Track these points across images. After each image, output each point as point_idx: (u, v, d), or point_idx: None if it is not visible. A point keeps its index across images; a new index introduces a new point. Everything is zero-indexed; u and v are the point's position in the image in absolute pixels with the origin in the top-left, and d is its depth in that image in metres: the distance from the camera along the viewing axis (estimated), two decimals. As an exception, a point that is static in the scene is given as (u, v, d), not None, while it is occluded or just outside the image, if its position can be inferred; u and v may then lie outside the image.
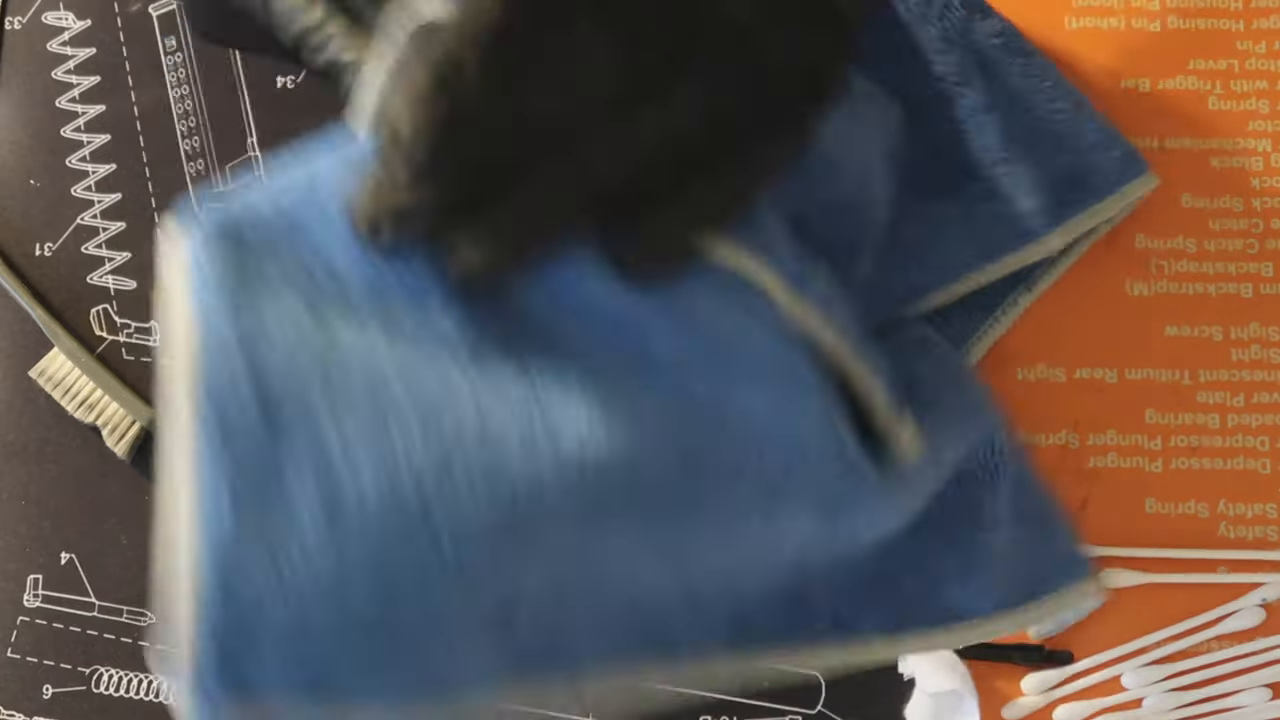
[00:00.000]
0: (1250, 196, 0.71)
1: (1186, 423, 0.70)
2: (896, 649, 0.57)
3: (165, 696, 0.69)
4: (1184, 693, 0.67)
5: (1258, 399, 0.70)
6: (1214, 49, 0.72)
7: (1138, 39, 0.72)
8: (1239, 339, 0.70)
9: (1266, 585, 0.68)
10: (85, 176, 0.73)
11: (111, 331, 0.72)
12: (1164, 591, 0.68)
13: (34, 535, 0.71)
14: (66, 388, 0.71)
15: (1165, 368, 0.70)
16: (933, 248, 0.63)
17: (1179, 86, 0.72)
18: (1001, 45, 0.65)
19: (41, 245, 0.73)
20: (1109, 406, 0.70)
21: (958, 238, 0.63)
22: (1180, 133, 0.72)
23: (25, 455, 0.71)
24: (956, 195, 0.63)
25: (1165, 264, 0.71)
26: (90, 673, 0.69)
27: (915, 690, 0.67)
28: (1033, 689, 0.68)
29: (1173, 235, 0.71)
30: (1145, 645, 0.68)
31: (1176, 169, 0.72)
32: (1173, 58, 0.72)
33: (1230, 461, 0.70)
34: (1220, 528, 0.69)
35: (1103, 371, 0.70)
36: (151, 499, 0.71)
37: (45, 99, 0.74)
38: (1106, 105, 0.71)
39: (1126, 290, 0.71)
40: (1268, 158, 0.72)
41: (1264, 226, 0.71)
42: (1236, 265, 0.71)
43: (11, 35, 0.74)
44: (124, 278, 0.72)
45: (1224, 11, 0.73)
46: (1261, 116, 0.72)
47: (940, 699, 0.67)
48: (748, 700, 0.68)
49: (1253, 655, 0.68)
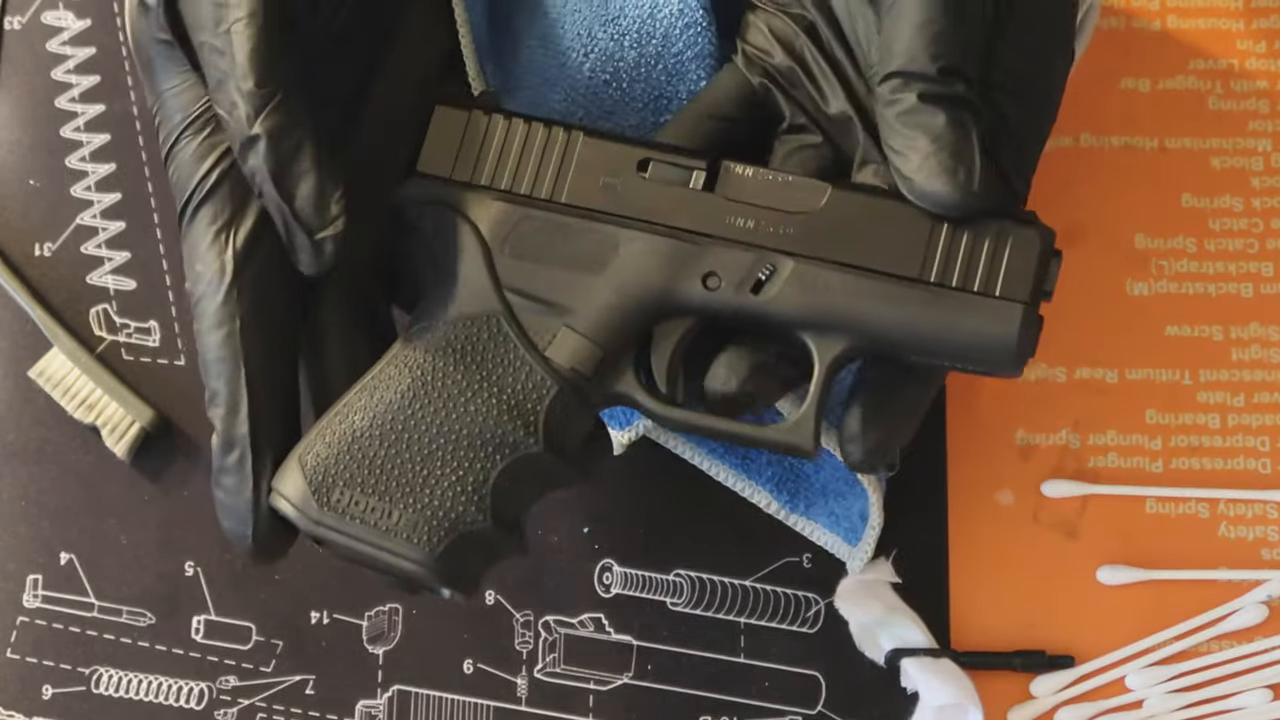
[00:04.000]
0: (1250, 196, 0.71)
1: (1186, 423, 0.70)
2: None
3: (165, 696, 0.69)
4: (1187, 693, 0.67)
5: (1258, 399, 0.70)
6: (1214, 49, 0.72)
7: (1138, 39, 0.73)
8: (1239, 339, 0.70)
9: (1269, 582, 0.68)
10: (85, 176, 0.73)
11: (111, 331, 0.72)
12: (1165, 591, 0.68)
13: (34, 535, 0.71)
14: (66, 388, 0.71)
15: (1165, 368, 0.70)
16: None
17: (1179, 86, 0.72)
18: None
19: (41, 245, 0.73)
20: (1109, 406, 0.70)
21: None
22: (1180, 133, 0.72)
23: (25, 455, 0.71)
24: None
25: (1165, 264, 0.71)
26: (90, 673, 0.69)
27: (919, 705, 0.67)
28: (1042, 693, 0.68)
29: (1173, 235, 0.71)
30: (1148, 646, 0.68)
31: (1176, 169, 0.72)
32: (1173, 58, 0.72)
33: (1230, 461, 0.70)
34: (1220, 528, 0.69)
35: (1103, 371, 0.70)
36: (151, 499, 0.71)
37: (45, 99, 0.74)
38: (1106, 105, 0.71)
39: (1126, 290, 0.71)
40: (1268, 158, 0.72)
41: (1264, 226, 0.71)
42: (1236, 265, 0.71)
43: (11, 35, 0.74)
44: (124, 278, 0.72)
45: (1224, 11, 0.73)
46: (1261, 116, 0.72)
47: (944, 712, 0.67)
48: (748, 700, 0.68)
49: (1255, 655, 0.68)
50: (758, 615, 0.69)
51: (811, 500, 0.68)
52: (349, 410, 0.58)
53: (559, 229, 0.58)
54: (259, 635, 0.70)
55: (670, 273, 0.57)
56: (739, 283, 0.56)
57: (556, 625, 0.69)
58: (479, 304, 0.57)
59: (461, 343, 0.57)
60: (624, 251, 0.57)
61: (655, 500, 0.70)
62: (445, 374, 0.57)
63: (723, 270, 0.57)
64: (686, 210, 0.57)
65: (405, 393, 0.57)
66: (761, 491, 0.68)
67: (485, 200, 0.58)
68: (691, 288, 0.57)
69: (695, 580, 0.69)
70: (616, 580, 0.69)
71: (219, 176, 0.57)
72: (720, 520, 0.69)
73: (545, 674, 0.69)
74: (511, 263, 0.58)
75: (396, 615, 0.70)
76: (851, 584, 0.68)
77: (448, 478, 0.57)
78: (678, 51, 0.61)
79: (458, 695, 0.69)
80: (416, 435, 0.57)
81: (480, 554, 0.58)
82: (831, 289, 0.56)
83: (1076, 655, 0.68)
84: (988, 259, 0.56)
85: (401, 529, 0.57)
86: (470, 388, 0.57)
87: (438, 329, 0.58)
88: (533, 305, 0.57)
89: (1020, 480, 0.70)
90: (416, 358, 0.57)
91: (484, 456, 0.57)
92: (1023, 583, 0.69)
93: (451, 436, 0.57)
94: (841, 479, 0.68)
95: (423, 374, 0.57)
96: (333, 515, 0.57)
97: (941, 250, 0.56)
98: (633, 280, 0.57)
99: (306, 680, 0.69)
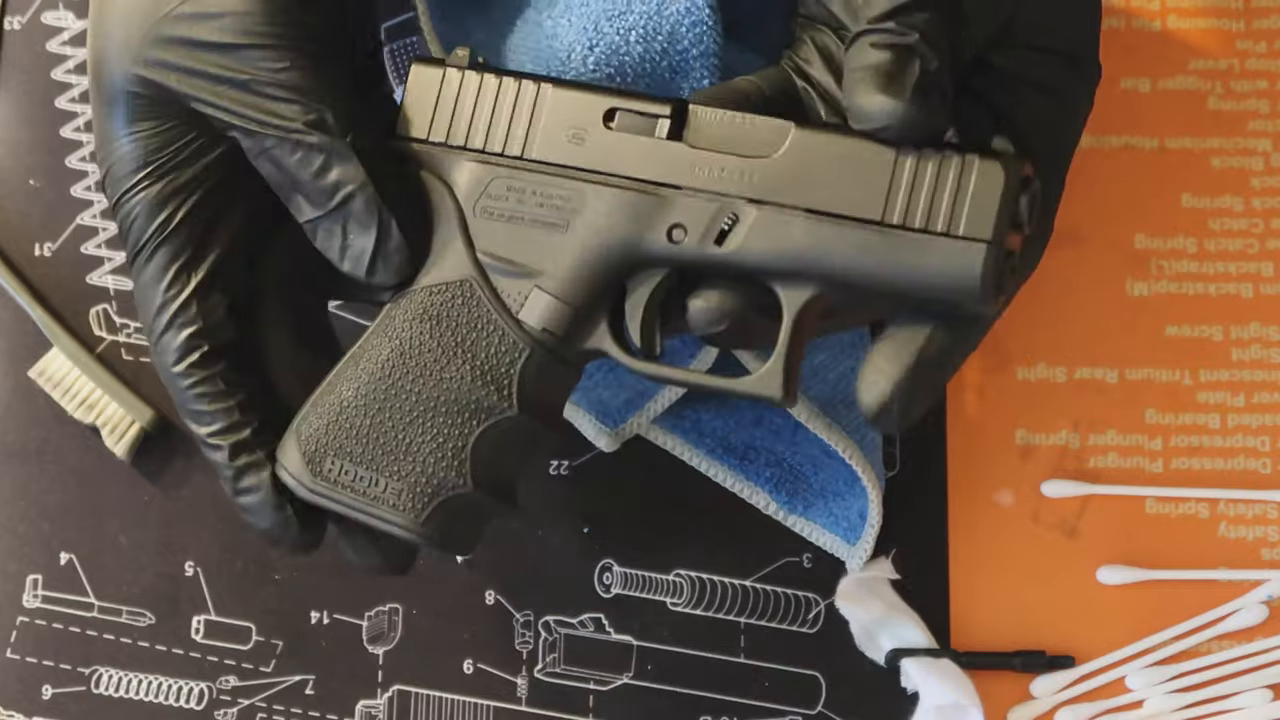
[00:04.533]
0: (1250, 196, 0.71)
1: (1186, 423, 0.70)
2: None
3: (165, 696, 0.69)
4: (1187, 693, 0.67)
5: (1258, 399, 0.70)
6: (1214, 49, 0.72)
7: (1138, 39, 0.73)
8: (1239, 339, 0.70)
9: (1269, 583, 0.68)
10: (85, 176, 0.73)
11: (111, 331, 0.72)
12: (1165, 591, 0.68)
13: (34, 535, 0.71)
14: (66, 388, 0.71)
15: (1165, 368, 0.70)
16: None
17: (1179, 86, 0.72)
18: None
19: (41, 245, 0.73)
20: (1109, 406, 0.70)
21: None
22: (1180, 133, 0.72)
23: (25, 455, 0.71)
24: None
25: (1165, 264, 0.71)
26: (90, 673, 0.69)
27: (919, 705, 0.67)
28: (1041, 693, 0.68)
29: (1173, 235, 0.71)
30: (1148, 646, 0.68)
31: (1176, 169, 0.72)
32: (1173, 58, 0.72)
33: (1230, 461, 0.70)
34: (1220, 528, 0.69)
35: (1103, 371, 0.70)
36: (151, 499, 0.71)
37: (45, 99, 0.74)
38: (1106, 105, 0.71)
39: (1126, 290, 0.71)
40: (1268, 158, 0.72)
41: (1264, 226, 0.71)
42: (1236, 265, 0.71)
43: (11, 35, 0.74)
44: (124, 277, 0.72)
45: (1224, 11, 0.73)
46: (1261, 116, 0.72)
47: (944, 711, 0.67)
48: (748, 700, 0.68)
49: (1255, 655, 0.68)
50: (758, 615, 0.69)
51: (810, 501, 0.69)
52: (338, 380, 0.58)
53: (526, 187, 0.57)
54: (259, 635, 0.70)
55: (635, 227, 0.56)
56: (703, 234, 0.56)
57: (556, 625, 0.69)
58: (454, 270, 0.57)
59: (438, 309, 0.57)
60: (589, 208, 0.57)
61: (655, 500, 0.70)
62: (422, 342, 0.57)
63: (687, 221, 0.56)
64: (651, 161, 0.56)
65: (385, 362, 0.58)
66: (760, 492, 0.68)
67: (460, 161, 0.58)
68: (656, 241, 0.56)
69: (695, 580, 0.69)
70: (616, 580, 0.69)
71: (182, 218, 0.58)
72: (720, 520, 0.69)
73: (545, 674, 0.69)
74: (482, 224, 0.57)
75: (396, 615, 0.70)
76: (851, 582, 0.68)
77: (428, 445, 0.57)
78: (683, 49, 0.61)
79: (458, 695, 0.69)
80: (397, 404, 0.57)
81: (468, 518, 0.59)
82: (793, 236, 0.55)
83: (1076, 655, 0.68)
84: (950, 197, 0.54)
85: (387, 497, 0.57)
86: (446, 355, 0.57)
87: (416, 296, 0.58)
88: (504, 267, 0.57)
89: (1020, 480, 0.70)
90: (396, 326, 0.58)
91: (461, 423, 0.57)
92: (1023, 583, 0.69)
93: (430, 404, 0.57)
94: (840, 479, 0.68)
95: (401, 343, 0.58)
96: (325, 485, 0.58)
97: (904, 190, 0.54)
98: (598, 237, 0.57)
99: (306, 680, 0.69)
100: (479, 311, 0.57)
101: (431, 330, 0.57)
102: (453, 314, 0.57)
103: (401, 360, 0.57)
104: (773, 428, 0.69)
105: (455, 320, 0.57)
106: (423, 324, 0.57)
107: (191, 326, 0.58)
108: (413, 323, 0.57)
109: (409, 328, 0.58)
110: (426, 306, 0.57)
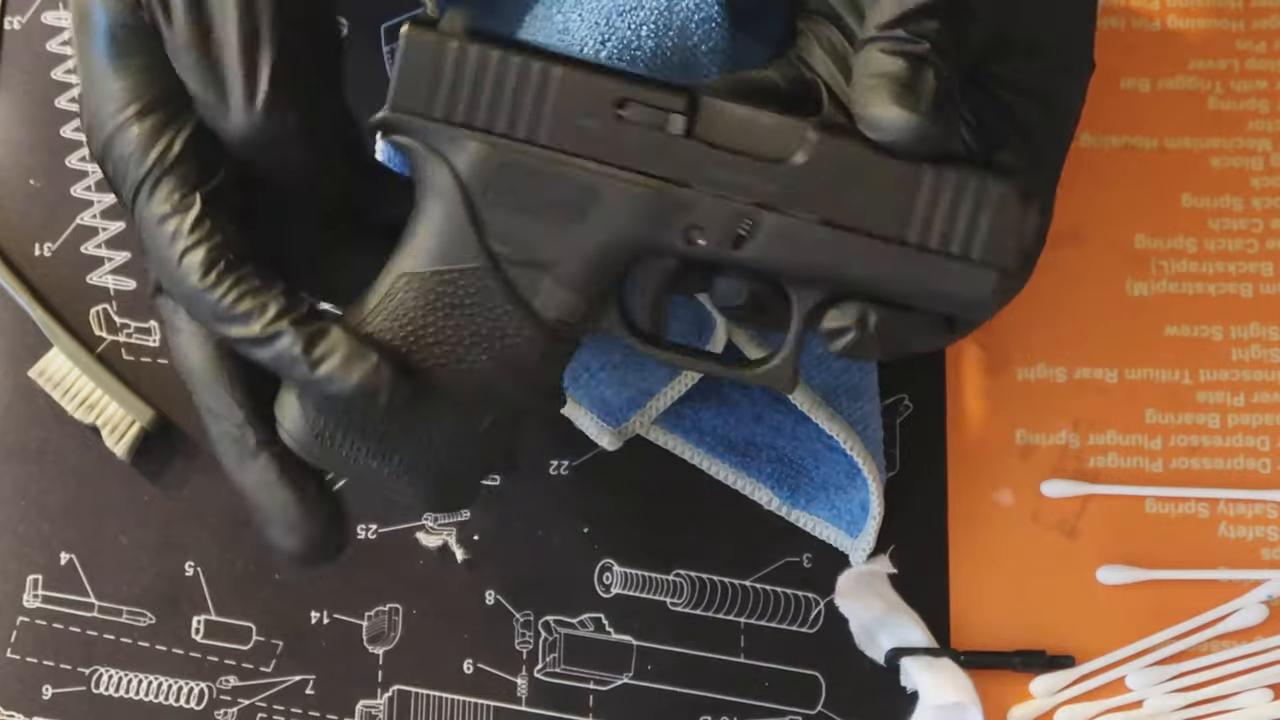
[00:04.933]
0: (1250, 196, 0.71)
1: (1186, 423, 0.70)
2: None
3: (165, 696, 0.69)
4: (1187, 693, 0.67)
5: (1258, 399, 0.70)
6: (1214, 49, 0.72)
7: (1138, 39, 0.73)
8: (1239, 339, 0.70)
9: (1269, 583, 0.68)
10: (85, 176, 0.73)
11: (111, 331, 0.72)
12: (1165, 591, 0.68)
13: (34, 535, 0.71)
14: (66, 388, 0.71)
15: (1165, 368, 0.70)
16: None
17: (1179, 86, 0.72)
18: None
19: (41, 245, 0.73)
20: (1109, 406, 0.70)
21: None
22: (1180, 133, 0.72)
23: (25, 455, 0.71)
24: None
25: (1165, 264, 0.71)
26: (90, 673, 0.69)
27: (919, 705, 0.67)
28: (1041, 693, 0.68)
29: (1173, 235, 0.71)
30: (1148, 646, 0.68)
31: (1176, 169, 0.72)
32: (1173, 58, 0.72)
33: (1230, 461, 0.70)
34: (1220, 528, 0.69)
35: (1103, 371, 0.71)
36: (151, 499, 0.71)
37: (45, 99, 0.74)
38: (1106, 105, 0.71)
39: (1126, 290, 0.71)
40: (1268, 158, 0.72)
41: (1264, 226, 0.71)
42: (1236, 265, 0.71)
43: (11, 35, 0.74)
44: (124, 277, 0.72)
45: (1224, 11, 0.73)
46: (1261, 116, 0.72)
47: (944, 711, 0.67)
48: (748, 700, 0.69)
49: (1255, 655, 0.68)
50: (758, 615, 0.69)
51: (812, 495, 0.69)
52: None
53: (539, 175, 0.56)
54: (259, 635, 0.70)
55: (652, 226, 0.56)
56: (720, 238, 0.56)
57: (556, 625, 0.69)
58: (463, 257, 0.57)
59: (449, 296, 0.57)
60: (604, 201, 0.56)
61: (655, 500, 0.70)
62: (435, 327, 0.57)
63: (704, 224, 0.56)
64: (666, 157, 0.56)
65: (397, 347, 0.57)
66: (762, 488, 0.68)
67: (462, 140, 0.56)
68: (673, 240, 0.56)
69: (695, 580, 0.69)
70: (616, 580, 0.69)
71: (181, 146, 0.57)
72: (720, 520, 0.69)
73: (545, 674, 0.69)
74: (494, 212, 0.57)
75: (396, 615, 0.70)
76: (850, 577, 0.68)
77: (435, 425, 0.57)
78: (693, 45, 0.61)
79: (458, 695, 0.69)
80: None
81: (471, 485, 0.59)
82: (811, 247, 0.56)
83: (1076, 655, 0.68)
84: (967, 219, 0.55)
85: (399, 470, 0.57)
86: (462, 343, 0.57)
87: (426, 280, 0.57)
88: (517, 257, 0.57)
89: (1020, 480, 0.70)
90: (405, 310, 0.57)
91: (475, 406, 0.57)
92: (1023, 583, 0.69)
93: (441, 388, 0.57)
94: (841, 472, 0.68)
95: (413, 327, 0.57)
96: (328, 451, 0.57)
97: (922, 208, 0.55)
98: (615, 233, 0.56)
99: (306, 680, 0.69)
100: (493, 301, 0.57)
101: (444, 317, 0.57)
102: (465, 301, 0.57)
103: (414, 344, 0.57)
104: (773, 424, 0.69)
105: (469, 308, 0.57)
106: (435, 311, 0.57)
107: (211, 239, 0.56)
108: (423, 309, 0.57)
109: (420, 314, 0.57)
110: (438, 292, 0.57)
